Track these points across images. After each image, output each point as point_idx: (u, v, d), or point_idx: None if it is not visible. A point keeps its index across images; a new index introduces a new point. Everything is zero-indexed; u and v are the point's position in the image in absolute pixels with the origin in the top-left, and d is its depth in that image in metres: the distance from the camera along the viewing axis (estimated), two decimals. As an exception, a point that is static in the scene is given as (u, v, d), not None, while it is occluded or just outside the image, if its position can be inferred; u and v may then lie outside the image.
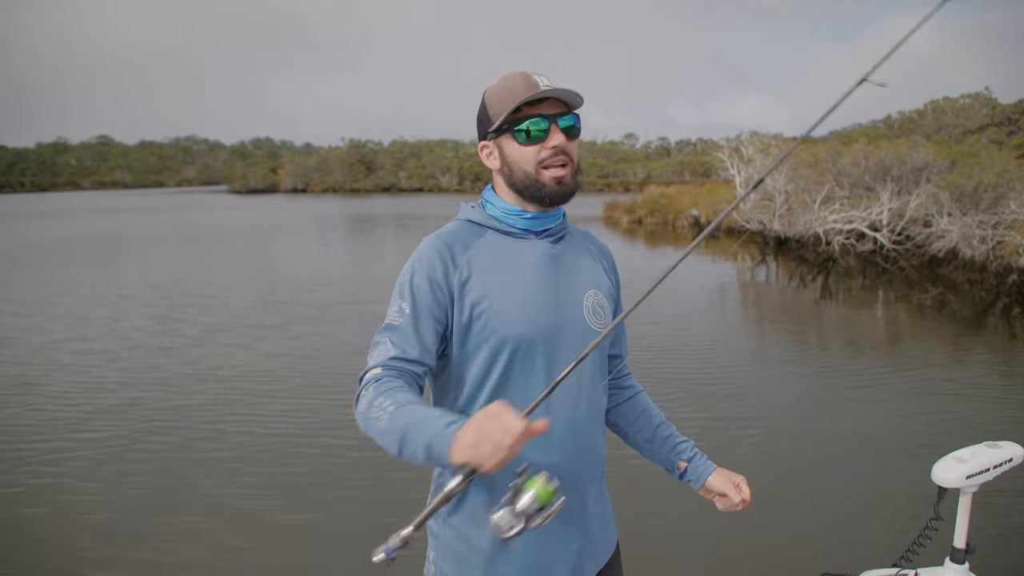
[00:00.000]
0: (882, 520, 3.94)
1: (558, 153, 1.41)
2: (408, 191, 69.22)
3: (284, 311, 10.36)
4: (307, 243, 22.49)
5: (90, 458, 4.99)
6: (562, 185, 1.43)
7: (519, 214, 1.47)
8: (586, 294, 1.49)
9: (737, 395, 6.17)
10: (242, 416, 5.85)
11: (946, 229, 13.49)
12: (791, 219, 16.25)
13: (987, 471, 1.85)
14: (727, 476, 1.62)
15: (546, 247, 1.47)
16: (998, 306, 10.65)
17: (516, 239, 1.47)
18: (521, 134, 1.40)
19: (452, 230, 1.48)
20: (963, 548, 1.91)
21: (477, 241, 1.45)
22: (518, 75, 1.42)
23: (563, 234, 1.53)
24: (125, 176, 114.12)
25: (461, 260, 1.41)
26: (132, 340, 8.64)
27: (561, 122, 1.41)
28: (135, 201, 58.44)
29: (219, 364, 7.48)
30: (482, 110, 1.46)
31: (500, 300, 1.40)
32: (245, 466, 4.85)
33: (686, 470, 1.64)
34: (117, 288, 12.91)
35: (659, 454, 1.68)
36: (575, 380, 1.42)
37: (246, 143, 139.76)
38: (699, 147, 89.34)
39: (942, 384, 6.57)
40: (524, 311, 1.39)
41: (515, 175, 1.43)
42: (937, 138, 18.81)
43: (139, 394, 6.45)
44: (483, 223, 1.48)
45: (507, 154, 1.43)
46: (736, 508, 1.61)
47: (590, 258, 1.56)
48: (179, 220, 33.89)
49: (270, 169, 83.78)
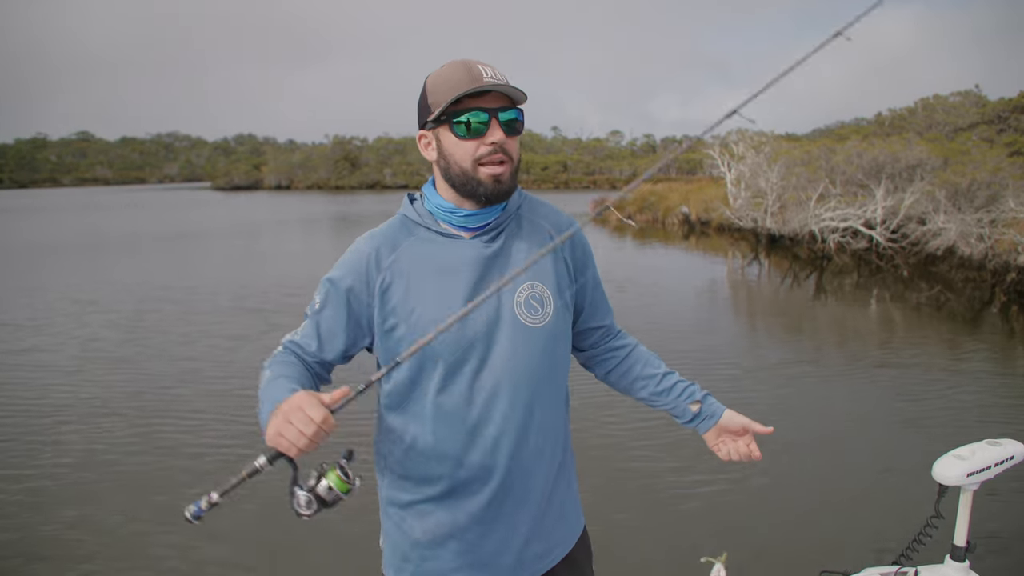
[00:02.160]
0: (882, 518, 3.92)
1: (497, 150, 1.35)
2: (393, 188, 68.78)
3: (261, 319, 10.00)
4: (293, 242, 22.07)
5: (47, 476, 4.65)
6: (499, 183, 1.37)
7: (453, 212, 1.41)
8: (518, 290, 1.42)
9: (733, 394, 6.04)
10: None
11: (943, 227, 13.40)
12: (784, 217, 16.10)
13: (988, 469, 1.84)
14: (739, 418, 1.57)
15: (478, 248, 1.41)
16: (996, 303, 10.54)
17: (446, 239, 1.42)
18: (460, 127, 1.34)
19: (385, 229, 1.45)
20: (964, 546, 1.91)
21: (406, 242, 1.42)
22: (460, 64, 1.35)
23: (502, 228, 1.45)
24: (106, 172, 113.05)
25: (385, 264, 1.39)
26: (95, 350, 8.25)
27: (502, 116, 1.35)
28: (116, 198, 57.65)
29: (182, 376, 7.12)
30: (422, 97, 1.40)
31: (419, 309, 1.37)
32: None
33: (700, 411, 1.57)
34: (76, 292, 12.47)
35: (668, 403, 1.61)
36: (509, 378, 1.40)
37: (229, 139, 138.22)
38: (685, 145, 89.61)
39: (941, 382, 6.52)
40: (438, 317, 1.31)
41: (451, 169, 1.38)
42: (929, 136, 18.76)
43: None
44: (416, 221, 1.44)
45: (444, 147, 1.38)
46: (744, 458, 1.54)
47: (534, 247, 1.46)
48: (161, 218, 33.34)
49: (253, 166, 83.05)
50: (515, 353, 1.40)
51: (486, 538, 1.44)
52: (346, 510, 1.35)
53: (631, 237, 20.77)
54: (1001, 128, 20.39)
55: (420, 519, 1.45)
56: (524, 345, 1.41)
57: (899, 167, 14.72)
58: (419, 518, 1.45)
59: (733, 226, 18.96)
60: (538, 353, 1.43)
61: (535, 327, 1.43)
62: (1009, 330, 8.88)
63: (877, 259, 14.37)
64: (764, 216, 17.23)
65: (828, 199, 15.17)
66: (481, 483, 1.42)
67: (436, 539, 1.44)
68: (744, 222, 18.05)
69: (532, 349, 1.42)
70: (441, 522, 1.43)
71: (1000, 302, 10.61)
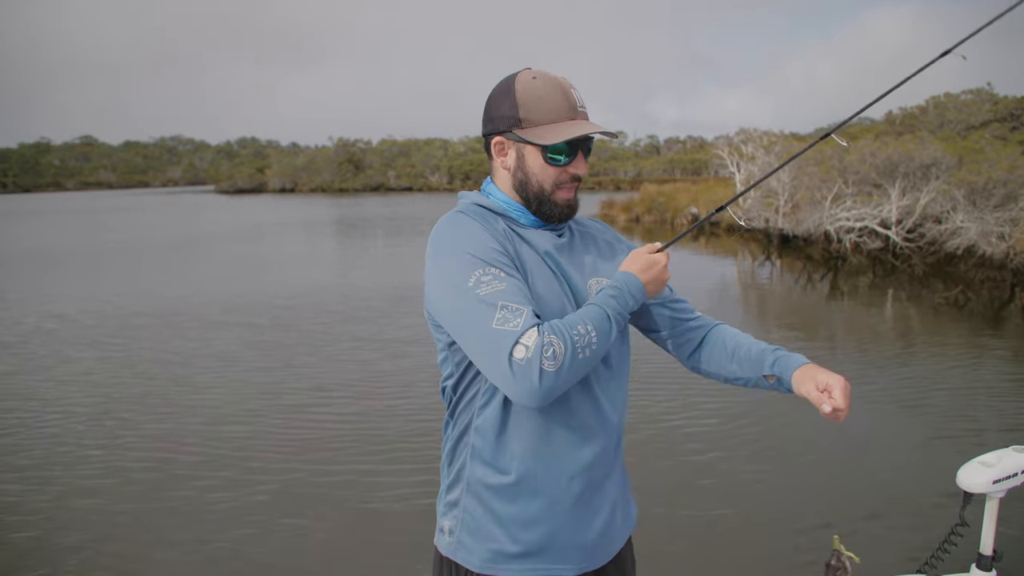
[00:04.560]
0: (906, 526, 3.86)
1: (576, 179, 1.43)
2: (397, 190, 68.72)
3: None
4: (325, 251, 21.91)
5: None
6: (570, 208, 1.45)
7: (522, 211, 1.45)
8: (589, 283, 1.45)
9: (750, 399, 5.94)
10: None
11: (962, 226, 13.19)
12: (798, 217, 15.91)
13: (1015, 476, 1.80)
14: (813, 373, 1.42)
15: (553, 238, 1.46)
16: (1020, 304, 10.33)
17: (525, 228, 1.44)
18: (554, 157, 1.39)
19: (469, 211, 1.42)
20: (990, 555, 1.87)
21: (496, 223, 1.41)
22: (556, 84, 1.39)
23: (563, 227, 1.51)
24: (109, 176, 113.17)
25: (494, 233, 1.36)
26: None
27: (587, 150, 1.43)
28: (119, 201, 57.64)
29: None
30: (509, 105, 1.39)
31: (536, 291, 1.37)
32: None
33: (777, 378, 1.48)
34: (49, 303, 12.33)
35: (752, 378, 1.52)
36: (594, 369, 1.41)
37: (232, 143, 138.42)
38: (688, 145, 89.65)
39: (964, 386, 6.40)
40: (546, 298, 1.36)
41: (529, 185, 1.42)
42: (941, 134, 18.54)
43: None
44: (494, 209, 1.44)
45: (527, 163, 1.41)
46: (835, 415, 1.38)
47: (592, 245, 1.55)
48: (167, 224, 33.26)
49: (257, 169, 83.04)
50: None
51: (573, 514, 1.42)
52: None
53: (639, 238, 20.59)
54: (1014, 126, 20.16)
55: (512, 498, 1.40)
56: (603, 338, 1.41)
57: (913, 166, 14.51)
58: (509, 501, 1.40)
59: (743, 225, 18.72)
60: (617, 346, 1.46)
61: None
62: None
63: (893, 259, 14.17)
64: (776, 216, 17.03)
65: (843, 199, 14.98)
66: (576, 468, 1.41)
67: (523, 513, 1.39)
68: (756, 222, 17.85)
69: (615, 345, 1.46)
70: (527, 502, 1.39)
71: (1022, 302, 10.42)
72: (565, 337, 1.22)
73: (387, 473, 4.61)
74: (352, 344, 8.14)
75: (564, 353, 1.21)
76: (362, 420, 5.63)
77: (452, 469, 1.47)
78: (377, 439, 5.20)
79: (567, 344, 1.21)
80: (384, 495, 4.31)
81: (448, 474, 1.49)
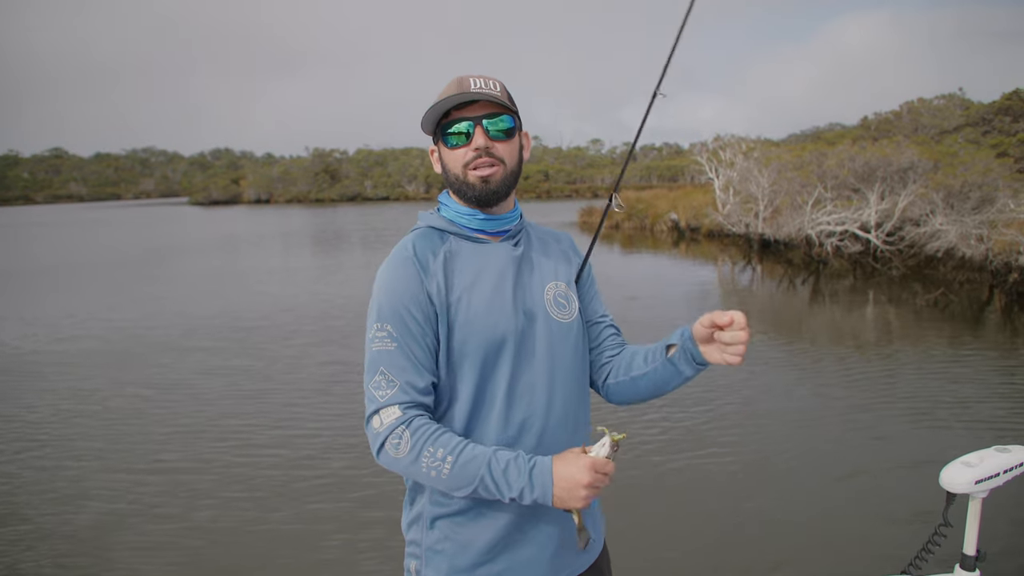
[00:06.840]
0: (889, 527, 3.89)
1: (482, 154, 1.41)
2: (374, 200, 68.34)
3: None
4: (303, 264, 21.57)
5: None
6: (487, 183, 1.42)
7: (472, 215, 1.46)
8: (546, 288, 1.48)
9: (734, 402, 5.94)
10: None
11: (941, 229, 13.29)
12: (778, 221, 15.94)
13: (997, 476, 1.79)
14: (701, 321, 1.39)
15: (508, 250, 1.47)
16: (998, 305, 10.37)
17: (478, 244, 1.46)
18: (450, 138, 1.43)
19: (416, 239, 1.46)
20: (973, 555, 1.88)
21: (442, 247, 1.44)
22: (455, 79, 1.43)
23: (520, 235, 1.52)
24: (80, 189, 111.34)
25: (433, 268, 1.41)
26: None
27: (487, 123, 1.41)
28: (89, 215, 56.61)
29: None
30: (425, 116, 1.46)
31: (470, 307, 1.39)
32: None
33: (678, 350, 1.44)
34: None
35: (657, 368, 1.48)
36: (546, 374, 1.43)
37: (205, 154, 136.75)
38: (664, 152, 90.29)
39: (947, 387, 6.43)
40: (489, 316, 1.39)
41: (449, 177, 1.46)
42: (916, 138, 18.75)
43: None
44: (444, 228, 1.47)
45: (443, 158, 1.47)
46: (735, 352, 1.33)
47: (548, 251, 1.56)
48: (138, 236, 32.69)
49: (232, 180, 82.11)
50: (552, 349, 1.45)
51: (532, 540, 1.43)
52: None
53: (619, 245, 20.54)
54: (986, 130, 20.47)
55: (471, 524, 1.42)
56: (559, 341, 1.47)
57: (891, 170, 14.62)
58: (471, 522, 1.41)
59: (724, 232, 18.77)
60: (571, 348, 1.49)
61: (565, 322, 1.49)
62: (1012, 331, 8.73)
63: (874, 262, 14.24)
64: (756, 221, 17.05)
65: (823, 203, 15.04)
66: None
67: (489, 544, 1.41)
68: (736, 227, 17.86)
69: (566, 345, 1.48)
70: (487, 525, 1.41)
71: (1001, 303, 10.46)
72: (417, 444, 1.29)
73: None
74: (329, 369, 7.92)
75: (406, 454, 1.30)
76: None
77: (412, 510, 1.49)
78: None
79: (414, 450, 1.29)
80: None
81: (408, 513, 1.50)
